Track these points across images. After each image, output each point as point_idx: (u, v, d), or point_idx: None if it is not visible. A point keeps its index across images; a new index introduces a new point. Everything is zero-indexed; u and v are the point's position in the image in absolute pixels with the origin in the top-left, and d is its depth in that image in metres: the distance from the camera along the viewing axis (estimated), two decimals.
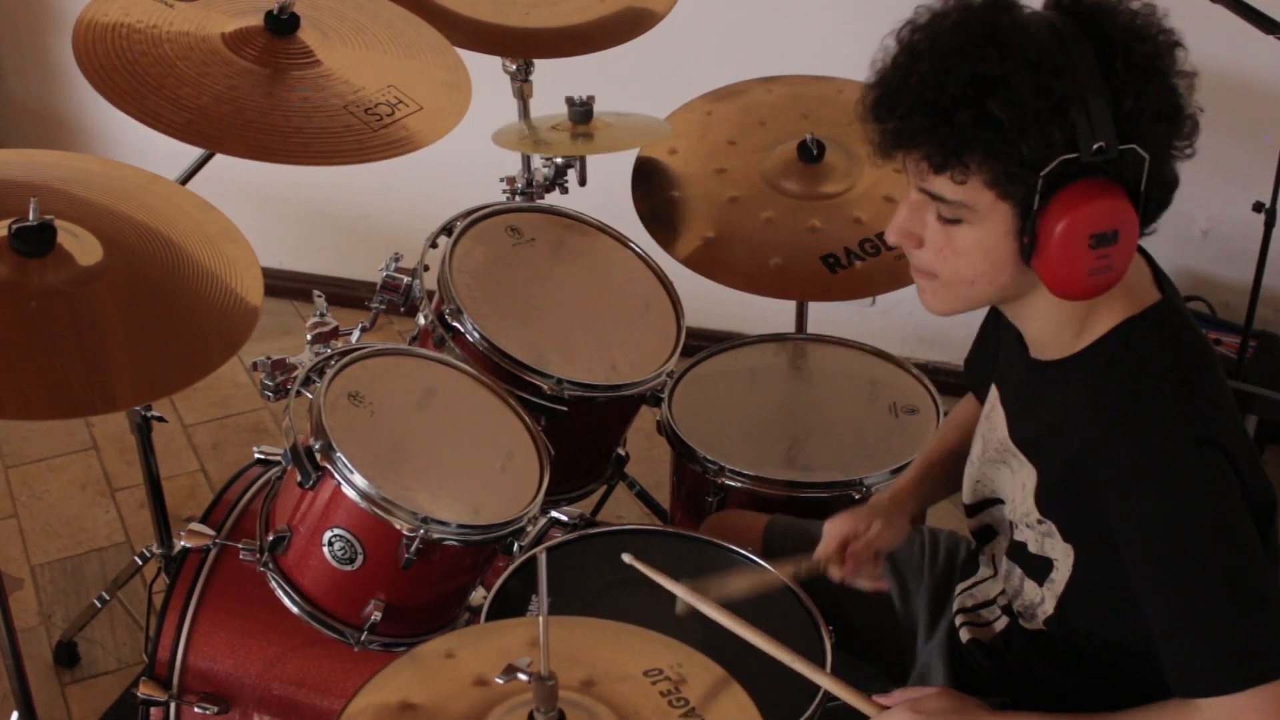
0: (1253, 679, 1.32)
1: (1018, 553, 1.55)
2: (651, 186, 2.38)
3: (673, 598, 1.76)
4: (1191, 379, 1.39)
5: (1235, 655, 1.33)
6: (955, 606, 1.71)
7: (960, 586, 1.72)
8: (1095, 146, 1.29)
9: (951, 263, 1.39)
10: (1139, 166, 1.30)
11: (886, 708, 1.49)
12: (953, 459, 1.78)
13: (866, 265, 2.22)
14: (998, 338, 1.65)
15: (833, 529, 1.71)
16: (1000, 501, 1.60)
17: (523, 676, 1.22)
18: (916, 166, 1.36)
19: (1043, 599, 1.53)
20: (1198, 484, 1.34)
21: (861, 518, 1.71)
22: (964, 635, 1.67)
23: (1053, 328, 1.44)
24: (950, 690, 1.53)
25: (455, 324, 2.00)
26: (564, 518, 2.00)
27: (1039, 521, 1.48)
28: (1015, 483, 1.54)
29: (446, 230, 2.13)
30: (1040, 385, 1.49)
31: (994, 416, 1.58)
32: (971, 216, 1.35)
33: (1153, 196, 1.34)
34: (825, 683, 1.52)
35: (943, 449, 1.81)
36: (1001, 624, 1.63)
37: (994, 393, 1.60)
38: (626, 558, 1.64)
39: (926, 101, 1.31)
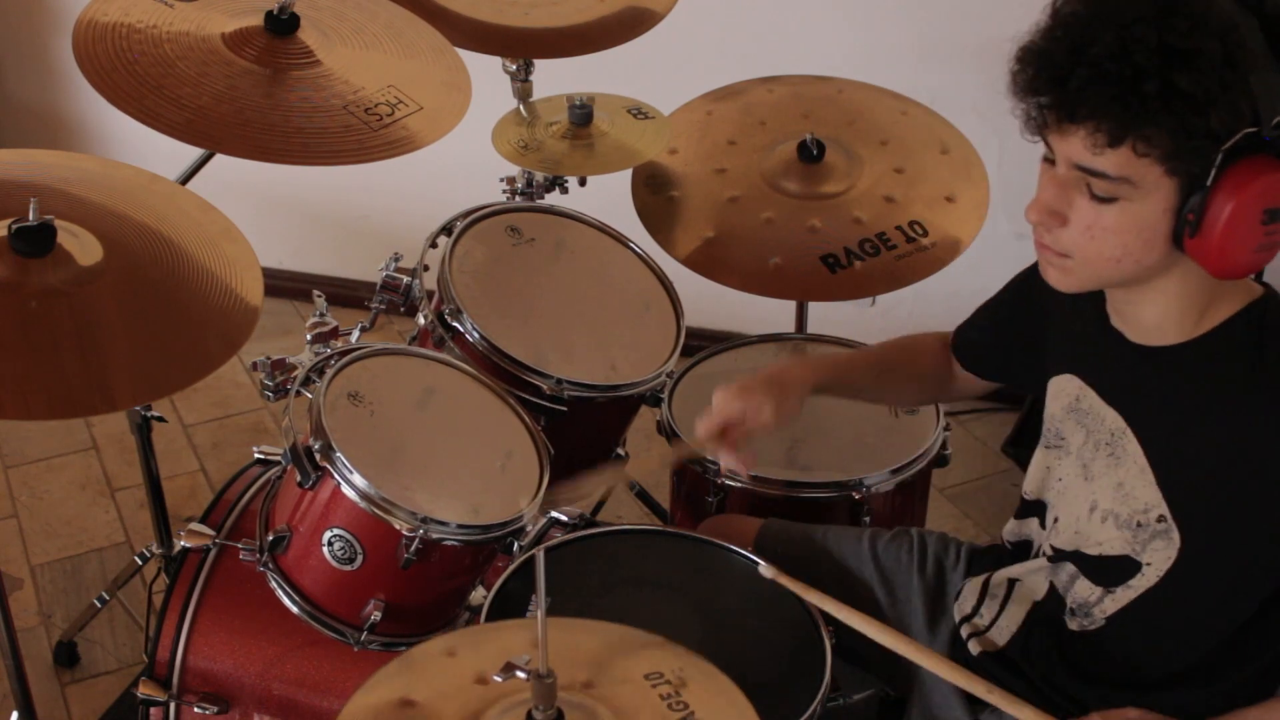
0: None
1: (1088, 564, 1.52)
2: (651, 186, 2.38)
3: (673, 599, 1.76)
4: None
5: None
6: (956, 616, 1.70)
7: (962, 610, 1.71)
8: (1276, 121, 1.26)
9: (1100, 241, 1.35)
10: None
11: None
12: (875, 371, 1.79)
13: (866, 265, 2.22)
14: (1019, 330, 1.62)
15: (720, 407, 1.67)
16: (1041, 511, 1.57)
17: (521, 674, 1.23)
18: (1085, 141, 1.30)
19: (1101, 600, 1.51)
20: None
21: (753, 399, 1.66)
22: (974, 648, 1.66)
23: (1176, 312, 1.40)
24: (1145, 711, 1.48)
25: (455, 324, 2.01)
26: (564, 518, 2.00)
27: (1158, 519, 1.44)
28: (1109, 482, 1.49)
29: (446, 230, 2.13)
30: (1155, 370, 1.44)
31: (1093, 407, 1.52)
32: (1131, 193, 1.31)
33: None
34: (941, 668, 1.49)
35: (880, 353, 1.80)
36: (1009, 626, 1.62)
37: (1072, 383, 1.55)
38: (766, 571, 1.61)
39: (1109, 72, 1.26)
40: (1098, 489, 1.50)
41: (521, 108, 2.40)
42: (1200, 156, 1.27)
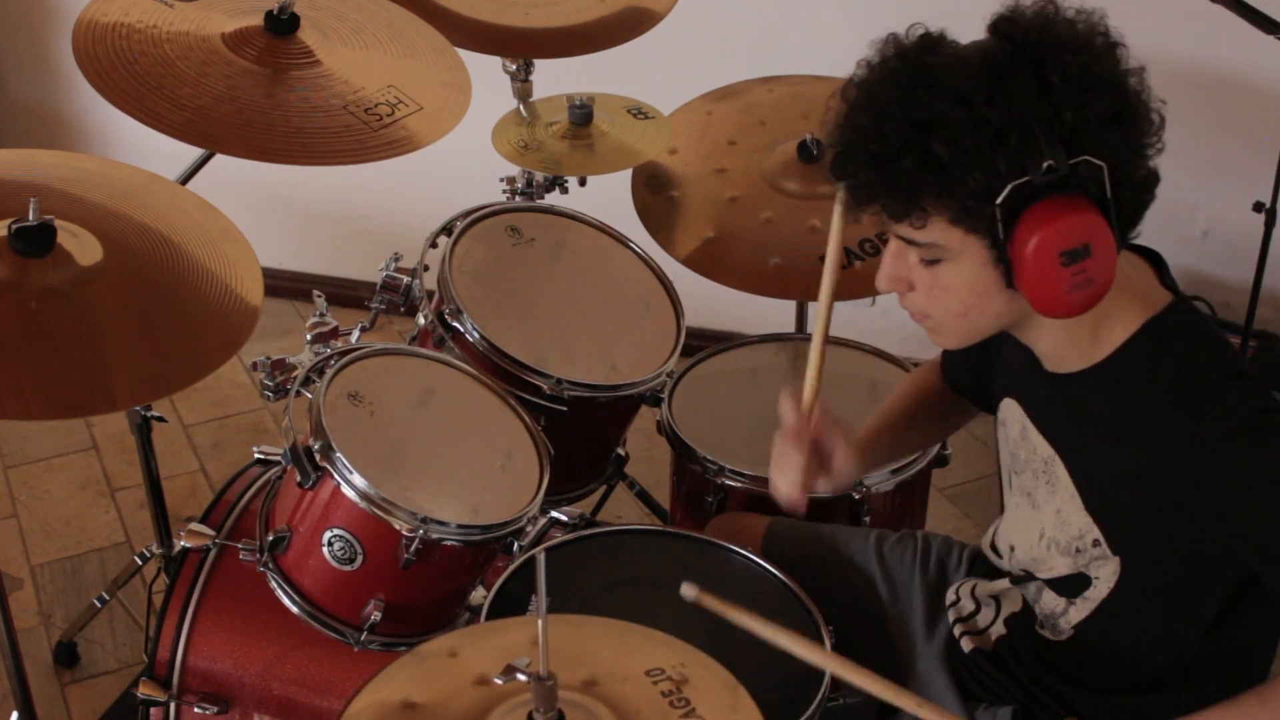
0: None
1: (1051, 581, 1.54)
2: (651, 186, 2.38)
3: (674, 599, 1.76)
4: (1233, 367, 1.38)
5: None
6: (951, 616, 1.71)
7: (948, 600, 1.72)
8: (1045, 165, 1.28)
9: (942, 301, 1.40)
10: (1099, 175, 1.30)
11: None
12: (911, 420, 1.79)
13: (866, 265, 2.22)
14: (983, 351, 1.63)
15: (792, 489, 1.65)
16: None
17: (521, 677, 1.22)
18: (883, 217, 1.37)
19: (1066, 610, 1.52)
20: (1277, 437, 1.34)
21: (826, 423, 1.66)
22: (966, 645, 1.67)
23: (1066, 342, 1.43)
24: None
25: (455, 324, 2.01)
26: (564, 518, 2.00)
27: (1094, 543, 1.46)
28: (1049, 509, 1.51)
29: (446, 230, 2.13)
30: (1068, 398, 1.47)
31: (1028, 435, 1.54)
32: (947, 255, 1.36)
33: (1125, 200, 1.32)
34: (889, 694, 1.44)
35: (905, 409, 1.80)
36: (999, 629, 1.63)
37: (1015, 409, 1.57)
38: (688, 591, 1.56)
39: (871, 154, 1.33)
40: (1043, 517, 1.52)
41: (521, 108, 2.40)
42: (981, 215, 1.31)
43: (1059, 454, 1.49)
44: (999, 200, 1.29)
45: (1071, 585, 1.51)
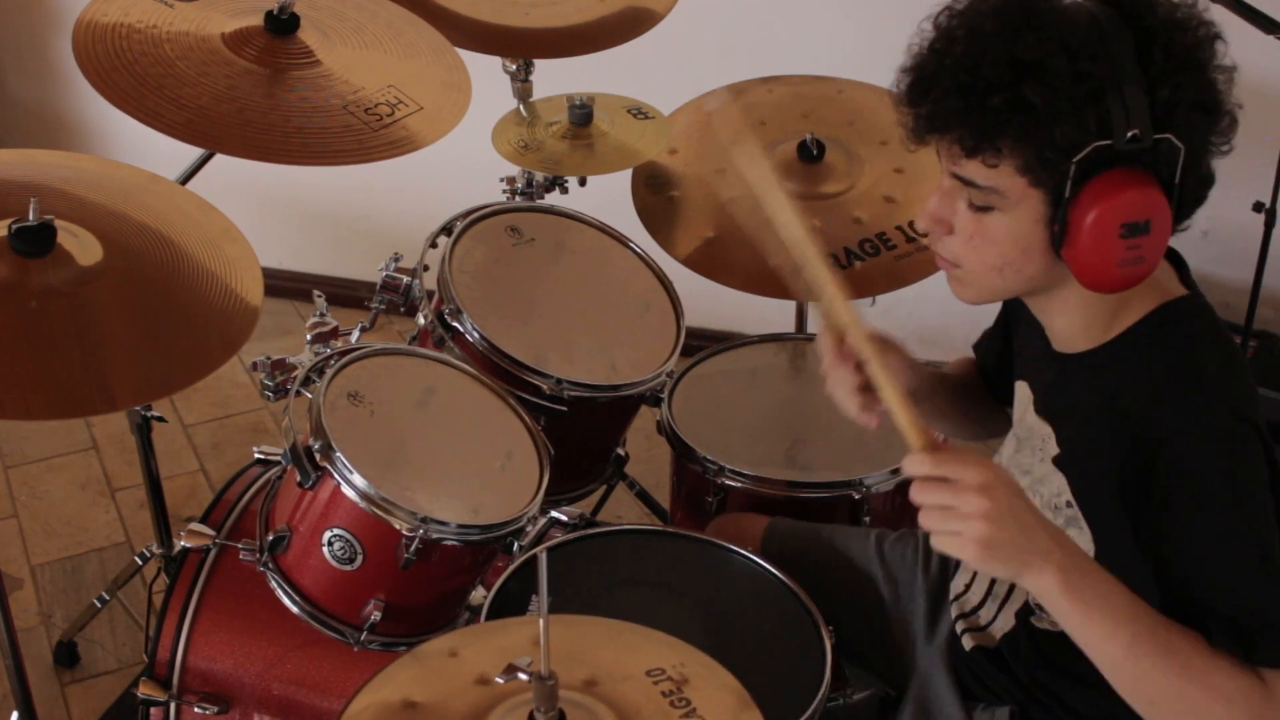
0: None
1: None
2: (651, 186, 2.38)
3: (674, 599, 1.76)
4: (1232, 362, 1.38)
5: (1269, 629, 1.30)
6: (954, 613, 1.71)
7: (953, 593, 1.72)
8: (1130, 134, 1.27)
9: (980, 251, 1.38)
10: (1174, 157, 1.29)
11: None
12: (958, 390, 1.81)
13: (866, 266, 2.22)
14: (1007, 333, 1.63)
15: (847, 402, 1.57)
16: None
17: (523, 676, 1.22)
18: (949, 150, 1.35)
19: None
20: (1243, 456, 1.33)
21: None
22: (967, 643, 1.67)
23: (1081, 322, 1.43)
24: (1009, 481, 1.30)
25: (455, 324, 2.01)
26: (564, 518, 2.00)
27: (1067, 504, 1.47)
28: (1037, 475, 1.52)
29: (446, 230, 2.13)
30: (1069, 378, 1.47)
31: (1026, 418, 1.56)
32: (1002, 203, 1.34)
33: (1188, 190, 1.32)
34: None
35: (956, 377, 1.83)
36: (1003, 626, 1.63)
37: (1025, 391, 1.58)
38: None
39: (961, 84, 1.30)
40: (1033, 481, 1.54)
41: (521, 108, 2.40)
42: (1054, 169, 1.30)
43: (1053, 429, 1.50)
44: (1077, 158, 1.28)
45: None
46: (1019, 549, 1.24)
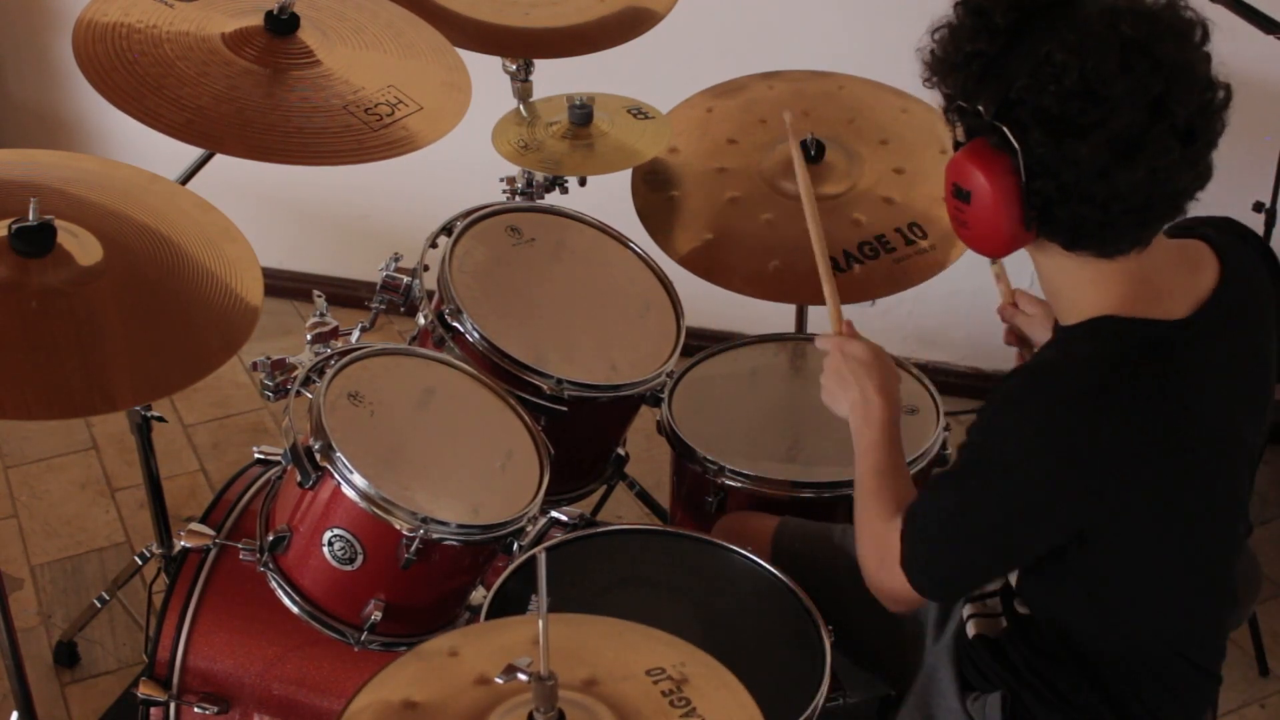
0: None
1: None
2: (651, 184, 2.38)
3: (673, 599, 1.76)
4: (1093, 398, 1.39)
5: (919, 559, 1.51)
6: (966, 612, 1.71)
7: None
8: (976, 108, 1.37)
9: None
10: (1010, 148, 1.36)
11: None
12: None
13: (865, 269, 2.21)
14: None
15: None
16: None
17: (522, 676, 1.22)
18: None
19: (1012, 580, 1.58)
20: (1000, 442, 1.43)
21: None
22: (971, 629, 1.67)
23: (1050, 293, 1.50)
24: (879, 349, 1.71)
25: (455, 324, 2.00)
26: (564, 518, 2.00)
27: None
28: None
29: (446, 230, 2.13)
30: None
31: None
32: None
33: (1040, 195, 1.37)
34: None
35: None
36: (1004, 619, 1.63)
37: None
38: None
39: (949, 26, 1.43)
40: None
41: (521, 108, 2.40)
42: (949, 121, 1.44)
43: None
44: (948, 108, 1.41)
45: None
46: (834, 396, 1.71)
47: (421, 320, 2.07)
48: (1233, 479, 1.52)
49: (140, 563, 2.46)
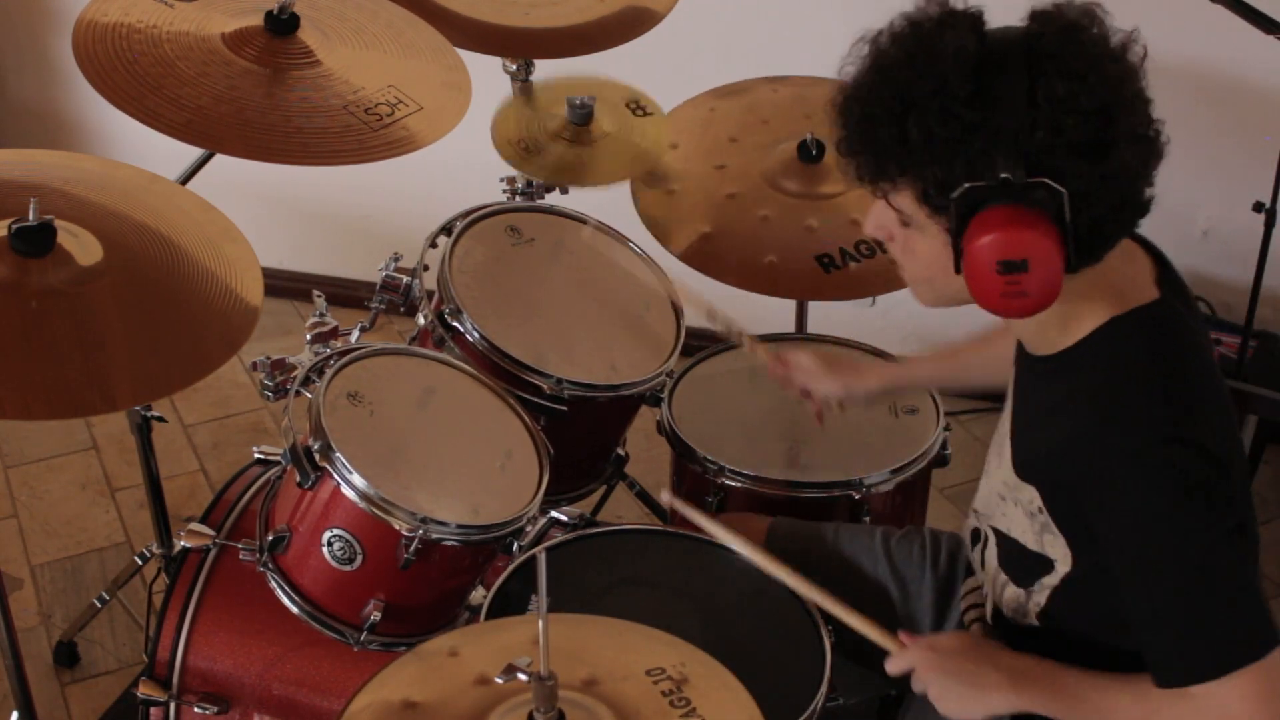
0: (1233, 665, 1.33)
1: (1009, 553, 1.55)
2: (650, 179, 2.38)
3: (673, 599, 1.76)
4: (1170, 379, 1.38)
5: (1215, 643, 1.34)
6: (964, 604, 1.71)
7: (968, 584, 1.72)
8: (1001, 178, 1.29)
9: (910, 263, 1.45)
10: (1058, 199, 1.30)
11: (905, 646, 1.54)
12: (980, 359, 1.84)
13: (861, 267, 2.21)
14: None
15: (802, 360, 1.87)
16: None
17: (522, 676, 1.23)
18: (859, 174, 1.40)
19: (1030, 597, 1.54)
20: (1169, 482, 1.34)
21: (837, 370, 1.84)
22: (974, 632, 1.66)
23: (1033, 327, 1.46)
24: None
25: (455, 324, 2.00)
26: (564, 518, 2.00)
27: (1040, 510, 1.48)
28: (1000, 475, 1.55)
29: (446, 230, 2.13)
30: (1034, 380, 1.51)
31: (1004, 408, 1.60)
32: (915, 224, 1.39)
33: (1086, 226, 1.32)
34: (852, 619, 1.57)
35: (976, 349, 1.86)
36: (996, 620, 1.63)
37: (1010, 385, 1.61)
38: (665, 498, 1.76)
39: (863, 114, 1.36)
40: (994, 482, 1.58)
41: (520, 93, 2.39)
42: (938, 203, 1.33)
43: (1011, 432, 1.55)
44: (954, 195, 1.31)
45: (1032, 572, 1.52)
46: (965, 696, 1.49)
47: (421, 320, 2.07)
48: None
49: (140, 563, 2.46)
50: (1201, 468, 1.34)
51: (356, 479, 1.72)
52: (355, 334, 2.03)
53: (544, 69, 2.41)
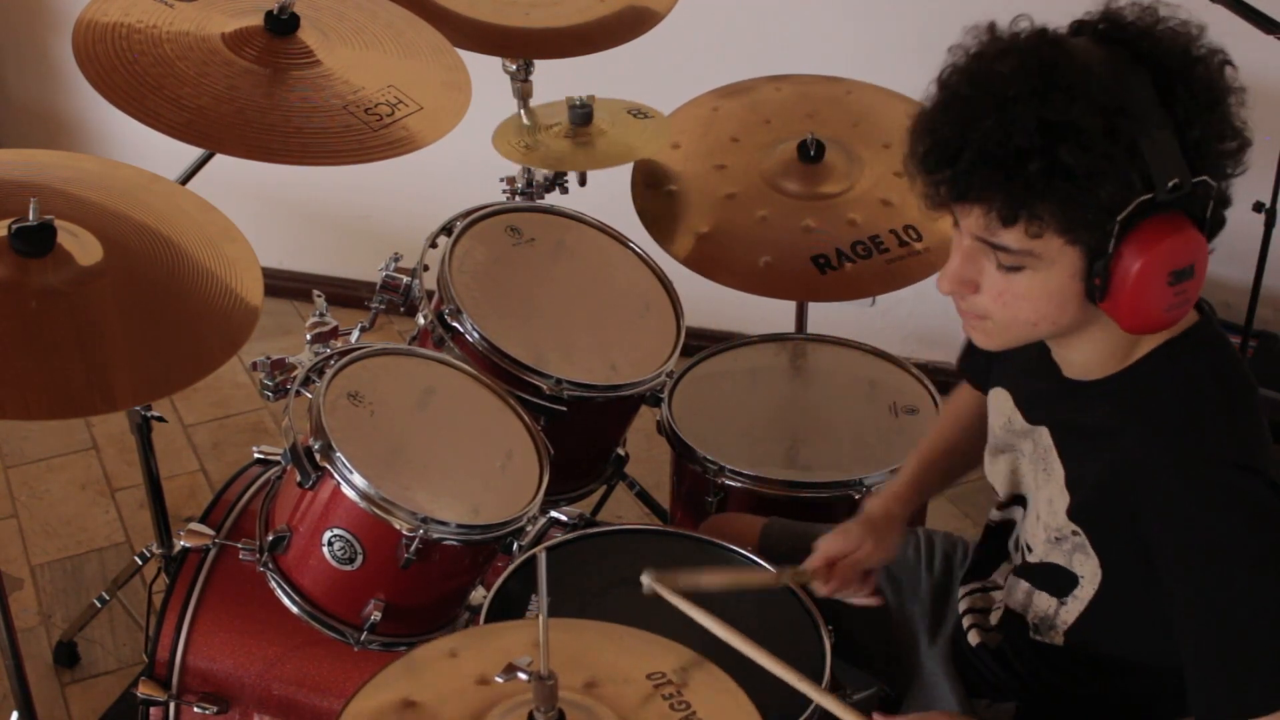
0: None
1: (1035, 568, 1.53)
2: (649, 180, 2.38)
3: (671, 603, 1.76)
4: (1235, 406, 1.36)
5: (1267, 678, 1.30)
6: (963, 608, 1.70)
7: (967, 588, 1.72)
8: (1171, 184, 1.24)
9: (1012, 308, 1.35)
10: (1208, 196, 1.27)
11: None
12: (949, 457, 1.76)
13: (856, 267, 2.21)
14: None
15: (823, 546, 1.69)
16: (1023, 505, 1.58)
17: (522, 675, 1.23)
18: (980, 220, 1.30)
19: (1057, 612, 1.52)
20: (1241, 510, 1.31)
21: (852, 538, 1.68)
22: (973, 638, 1.66)
23: (1100, 355, 1.41)
24: (947, 713, 1.54)
25: (455, 324, 2.00)
26: (564, 518, 2.00)
27: (1073, 533, 1.45)
28: (1043, 496, 1.51)
29: (446, 230, 2.13)
30: (1077, 403, 1.45)
31: (1014, 424, 1.55)
32: (1036, 263, 1.31)
33: (1216, 220, 1.31)
34: (825, 701, 1.49)
35: (941, 446, 1.78)
36: (1004, 631, 1.62)
37: (1004, 398, 1.57)
38: (646, 581, 1.58)
39: (992, 154, 1.25)
40: (1039, 499, 1.52)
41: (523, 114, 2.39)
42: (1097, 228, 1.27)
43: (1056, 445, 1.49)
44: (1122, 215, 1.24)
45: (1060, 585, 1.50)
46: None
47: (421, 320, 2.07)
48: None
49: (140, 563, 2.46)
50: (1269, 498, 1.32)
51: (357, 479, 1.72)
52: (355, 334, 2.03)
53: (544, 71, 2.41)
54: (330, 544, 1.77)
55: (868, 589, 1.70)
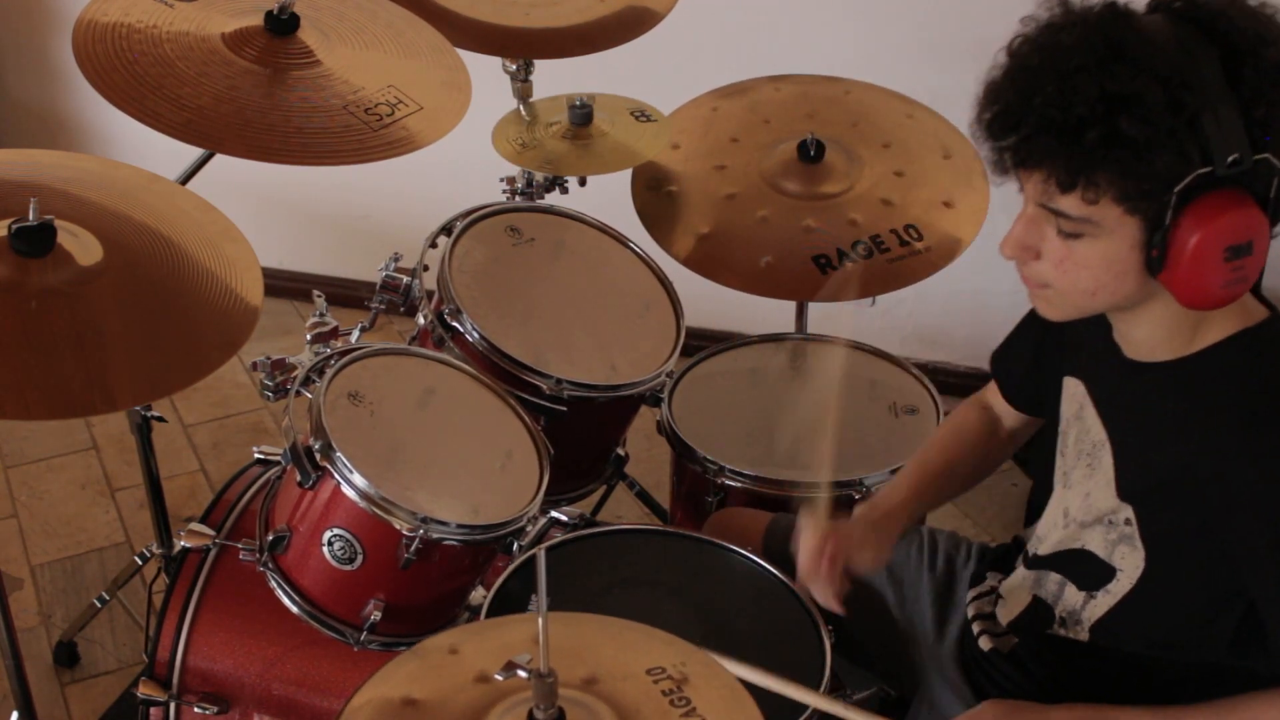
0: None
1: (1072, 558, 1.52)
2: (649, 181, 2.38)
3: (673, 599, 1.76)
4: None
5: None
6: (971, 613, 1.70)
7: (975, 592, 1.71)
8: (1230, 159, 1.26)
9: (1072, 275, 1.37)
10: (1270, 175, 1.28)
11: None
12: (949, 473, 1.76)
13: (857, 267, 2.21)
14: (1043, 336, 1.61)
15: (826, 601, 1.67)
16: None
17: (522, 673, 1.22)
18: (1040, 185, 1.33)
19: (1084, 605, 1.51)
20: None
21: (843, 539, 1.66)
22: (984, 644, 1.66)
23: (1163, 333, 1.41)
24: (998, 700, 1.52)
25: (455, 324, 2.01)
26: (564, 518, 2.00)
27: (1125, 522, 1.45)
28: (1079, 491, 1.51)
29: (446, 230, 2.13)
30: (1140, 386, 1.45)
31: (1084, 415, 1.54)
32: (1095, 231, 1.32)
33: (1276, 204, 1.30)
34: (837, 709, 1.49)
35: (941, 462, 1.77)
36: (1019, 631, 1.62)
37: (1078, 387, 1.55)
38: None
39: (1052, 121, 1.27)
40: (1071, 497, 1.52)
41: (522, 109, 2.40)
42: (1154, 198, 1.28)
43: (1110, 438, 1.48)
44: (1179, 187, 1.26)
45: (1094, 577, 1.49)
46: None
47: (421, 320, 2.07)
48: None
49: (140, 563, 2.46)
50: None
51: (357, 478, 1.72)
52: (355, 334, 2.03)
53: (544, 71, 2.41)
54: (330, 544, 1.77)
55: (837, 591, 1.65)
